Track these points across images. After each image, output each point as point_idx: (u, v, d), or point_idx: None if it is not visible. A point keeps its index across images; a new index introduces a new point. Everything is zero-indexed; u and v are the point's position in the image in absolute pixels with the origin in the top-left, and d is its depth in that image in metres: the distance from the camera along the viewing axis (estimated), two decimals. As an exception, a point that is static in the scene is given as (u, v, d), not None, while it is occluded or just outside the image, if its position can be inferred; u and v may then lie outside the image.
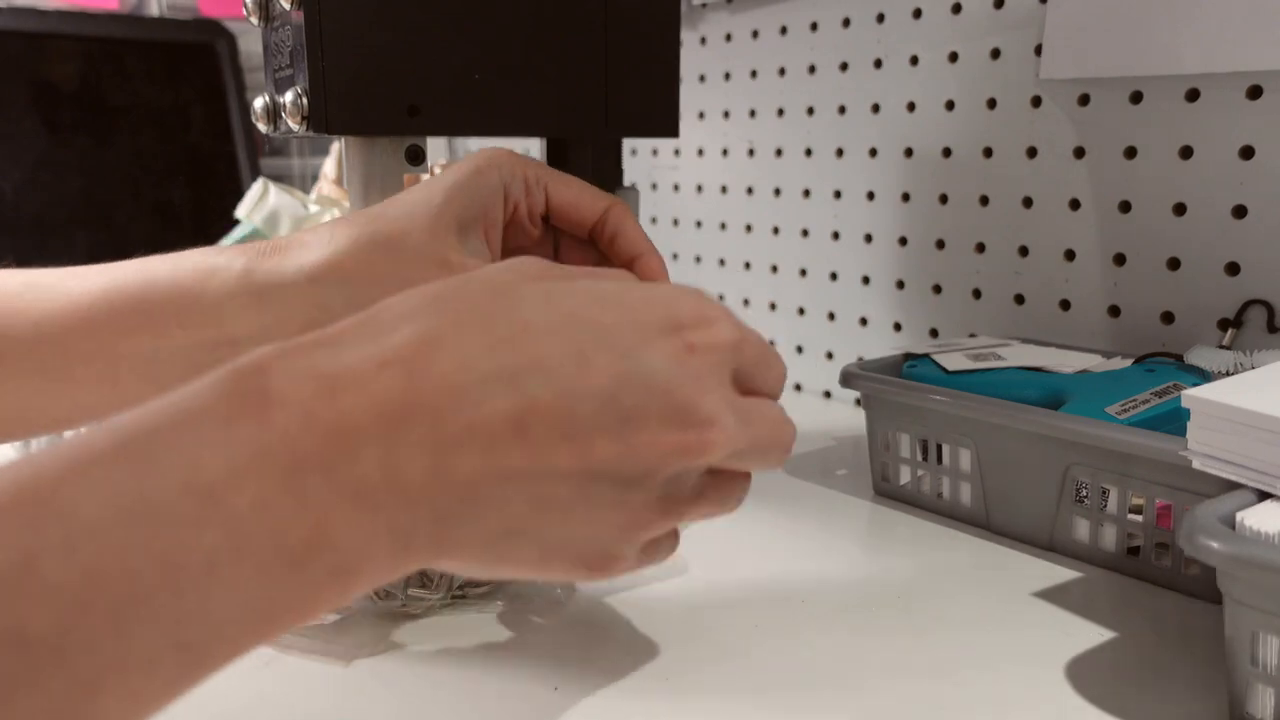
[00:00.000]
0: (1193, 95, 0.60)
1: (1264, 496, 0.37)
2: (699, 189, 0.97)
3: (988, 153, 0.71)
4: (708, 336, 0.28)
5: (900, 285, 0.79)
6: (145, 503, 0.21)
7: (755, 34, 0.88)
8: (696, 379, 0.27)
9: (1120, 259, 0.65)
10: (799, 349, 0.88)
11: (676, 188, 1.00)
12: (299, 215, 0.96)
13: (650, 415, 0.27)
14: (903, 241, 0.78)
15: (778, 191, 0.88)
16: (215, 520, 0.22)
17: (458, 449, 0.25)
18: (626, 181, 0.64)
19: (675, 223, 1.01)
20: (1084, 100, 0.65)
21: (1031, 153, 0.69)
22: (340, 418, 0.24)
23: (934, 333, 0.77)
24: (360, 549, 0.24)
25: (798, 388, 0.89)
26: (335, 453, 0.24)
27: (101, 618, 0.20)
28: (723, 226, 0.95)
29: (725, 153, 0.93)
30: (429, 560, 0.26)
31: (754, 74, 0.89)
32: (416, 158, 0.53)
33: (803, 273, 0.87)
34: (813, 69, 0.83)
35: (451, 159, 1.35)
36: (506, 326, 0.26)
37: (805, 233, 0.86)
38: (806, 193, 0.86)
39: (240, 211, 0.97)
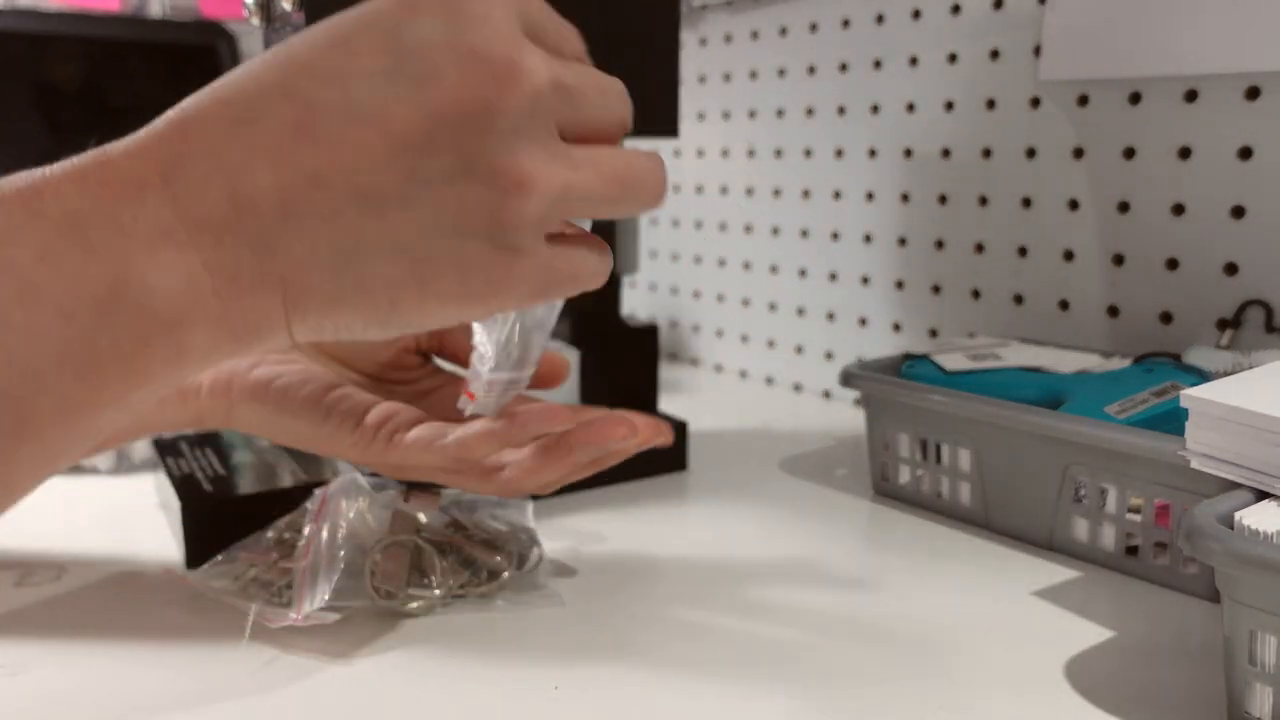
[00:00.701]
0: (1191, 96, 0.60)
1: (1262, 496, 0.37)
2: (699, 189, 0.97)
3: (987, 153, 0.71)
4: None
5: (900, 285, 0.79)
6: None
7: (755, 35, 0.88)
8: (482, 20, 0.26)
9: (1119, 259, 0.65)
10: (799, 349, 0.88)
11: (676, 188, 1.00)
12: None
13: (443, 69, 0.25)
14: (902, 242, 0.78)
15: (777, 192, 0.88)
16: None
17: (248, 170, 0.25)
18: (626, 182, 0.64)
19: (675, 223, 1.01)
20: (1083, 101, 0.65)
21: (1030, 153, 0.69)
22: (113, 174, 0.25)
23: (933, 333, 0.77)
24: (176, 289, 0.25)
25: (797, 388, 0.89)
26: (116, 205, 0.24)
27: None
28: (722, 227, 0.95)
29: (725, 153, 0.94)
30: (280, 301, 0.26)
31: (753, 75, 0.89)
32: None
33: (802, 273, 0.87)
34: (812, 70, 0.84)
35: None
36: (273, 53, 0.26)
37: (805, 233, 0.86)
38: (806, 193, 0.86)
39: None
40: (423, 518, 0.46)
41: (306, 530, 0.44)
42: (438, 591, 0.44)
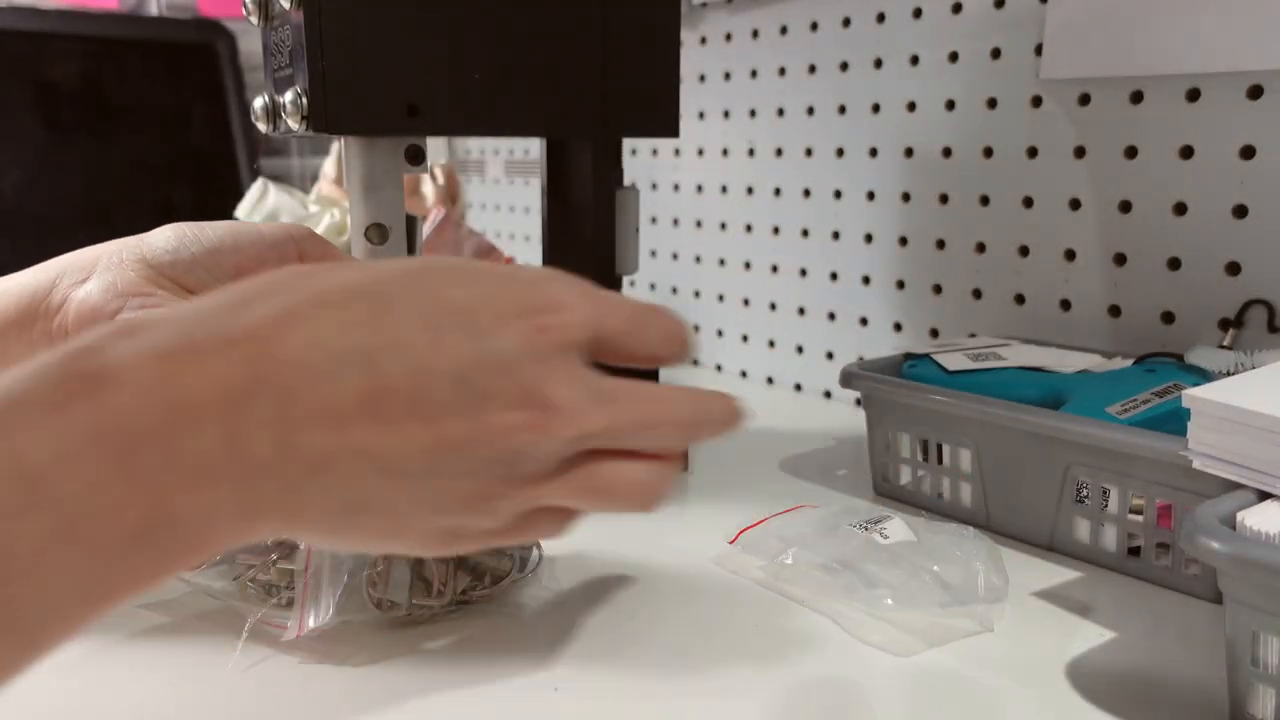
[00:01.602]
0: (1193, 95, 0.60)
1: (1264, 496, 0.37)
2: (699, 189, 0.97)
3: (988, 153, 0.71)
4: (559, 318, 0.28)
5: (900, 285, 0.79)
6: None
7: (755, 34, 0.88)
8: (543, 360, 0.27)
9: (1121, 259, 0.65)
10: (799, 349, 0.88)
11: (676, 188, 1.00)
12: (298, 215, 0.96)
13: (498, 396, 0.27)
14: (903, 241, 0.78)
15: (778, 191, 0.88)
16: (43, 506, 0.22)
17: (308, 426, 0.25)
18: (626, 181, 0.63)
19: (675, 223, 1.01)
20: (1084, 100, 0.65)
21: (1032, 152, 0.69)
22: (180, 396, 0.24)
23: (934, 333, 0.77)
24: (204, 523, 0.24)
25: (798, 388, 0.89)
26: (174, 431, 0.24)
27: None
28: (723, 226, 0.95)
29: (725, 152, 0.93)
30: (274, 530, 0.27)
31: (754, 74, 0.89)
32: (416, 157, 0.53)
33: (803, 273, 0.87)
34: (813, 69, 0.83)
35: (451, 158, 1.35)
36: (367, 305, 0.27)
37: (805, 233, 0.86)
38: (806, 193, 0.86)
39: (240, 211, 0.97)
40: None
41: (304, 542, 0.43)
42: (443, 600, 0.44)
